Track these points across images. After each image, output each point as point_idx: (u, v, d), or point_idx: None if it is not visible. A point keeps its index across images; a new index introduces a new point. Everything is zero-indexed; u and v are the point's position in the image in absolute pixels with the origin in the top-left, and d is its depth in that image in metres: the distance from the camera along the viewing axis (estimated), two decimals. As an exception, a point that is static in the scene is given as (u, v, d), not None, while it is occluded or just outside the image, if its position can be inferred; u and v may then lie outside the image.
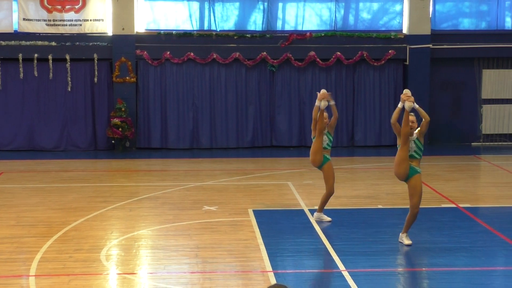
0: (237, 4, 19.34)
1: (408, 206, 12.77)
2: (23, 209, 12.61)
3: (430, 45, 19.18)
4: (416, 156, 10.28)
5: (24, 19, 18.51)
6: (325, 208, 11.86)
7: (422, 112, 10.23)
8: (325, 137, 11.69)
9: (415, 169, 10.24)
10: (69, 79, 18.68)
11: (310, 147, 19.08)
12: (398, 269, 9.66)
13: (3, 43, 18.46)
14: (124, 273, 9.37)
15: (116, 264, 9.77)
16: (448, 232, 11.10)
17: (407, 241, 10.42)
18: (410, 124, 10.21)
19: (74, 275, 9.18)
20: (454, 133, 19.75)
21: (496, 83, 19.66)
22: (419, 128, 10.30)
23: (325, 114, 11.62)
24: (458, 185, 14.64)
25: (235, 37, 18.99)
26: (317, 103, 11.53)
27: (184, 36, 18.92)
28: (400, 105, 10.29)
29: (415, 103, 10.16)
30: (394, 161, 10.32)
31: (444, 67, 19.68)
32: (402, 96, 10.28)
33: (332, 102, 11.63)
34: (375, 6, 19.60)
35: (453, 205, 12.83)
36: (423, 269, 9.64)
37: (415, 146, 10.28)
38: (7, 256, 9.98)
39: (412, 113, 10.28)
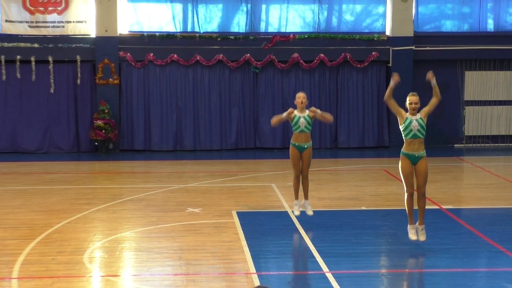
0: (220, 6, 19.34)
1: (390, 208, 12.88)
2: (5, 211, 12.54)
3: (413, 47, 19.27)
4: (420, 135, 10.30)
5: (6, 20, 18.41)
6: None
7: (437, 90, 10.33)
8: (302, 120, 11.52)
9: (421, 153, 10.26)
10: (51, 81, 18.60)
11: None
12: (381, 271, 9.69)
13: (-15, 44, 18.37)
14: (108, 275, 9.33)
15: (99, 266, 9.74)
16: (431, 234, 11.12)
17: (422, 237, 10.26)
18: (413, 105, 10.31)
19: (57, 278, 9.13)
20: (437, 134, 19.85)
21: (478, 84, 19.79)
22: (427, 107, 10.35)
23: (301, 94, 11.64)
24: (441, 186, 14.71)
25: (219, 39, 18.99)
26: (284, 115, 11.49)
27: (168, 38, 18.90)
28: (392, 83, 10.41)
29: (434, 79, 10.21)
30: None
31: (426, 69, 19.57)
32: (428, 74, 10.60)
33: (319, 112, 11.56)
34: (358, 8, 19.67)
35: (436, 207, 12.89)
36: (406, 270, 9.68)
37: (418, 125, 10.35)
38: (-11, 259, 9.92)
39: (415, 93, 10.46)
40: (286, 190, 14.14)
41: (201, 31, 19.15)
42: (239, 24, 19.31)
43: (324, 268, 9.47)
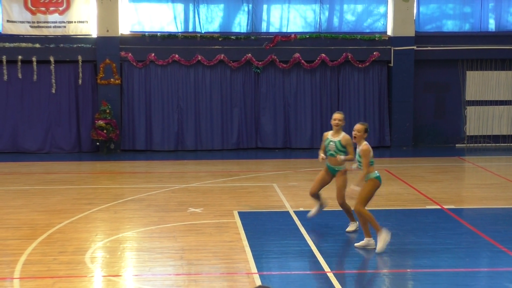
0: (221, 6, 19.34)
1: (392, 208, 12.87)
2: (7, 211, 12.54)
3: (414, 47, 19.26)
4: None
5: (7, 21, 18.42)
6: (310, 209, 11.84)
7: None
8: (332, 144, 11.17)
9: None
10: (53, 81, 18.60)
11: (294, 149, 19.28)
12: (383, 271, 9.69)
13: (-14, 45, 18.38)
14: (109, 275, 9.34)
15: (101, 266, 9.74)
16: (433, 234, 11.14)
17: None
18: (353, 133, 10.43)
19: (58, 278, 9.14)
20: (438, 134, 19.85)
21: (480, 84, 19.78)
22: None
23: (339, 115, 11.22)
24: (442, 186, 14.70)
25: (220, 39, 18.99)
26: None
27: (169, 38, 18.90)
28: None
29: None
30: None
31: (428, 69, 19.77)
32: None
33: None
34: (360, 8, 19.66)
35: (438, 207, 12.89)
36: (408, 270, 9.67)
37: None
38: (-10, 259, 9.93)
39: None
40: (287, 190, 14.15)
41: (203, 31, 19.16)
42: (240, 24, 19.30)
43: (326, 268, 9.47)
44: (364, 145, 10.23)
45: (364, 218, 10.18)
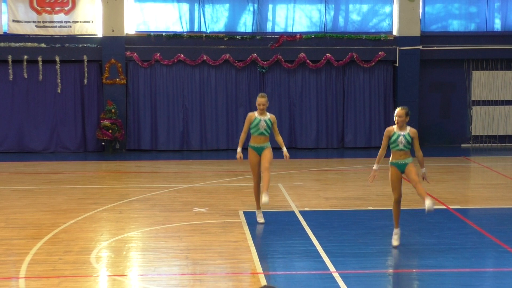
0: (227, 5, 19.34)
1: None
2: (12, 211, 12.56)
3: (420, 47, 19.24)
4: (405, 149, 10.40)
5: (13, 20, 18.45)
6: (316, 209, 11.86)
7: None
8: (263, 123, 11.49)
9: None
10: (58, 80, 18.63)
11: (300, 148, 19.27)
12: (388, 271, 9.68)
13: (-8, 44, 18.42)
14: (114, 275, 9.35)
15: (106, 266, 9.75)
16: (438, 234, 11.12)
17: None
18: (397, 118, 10.37)
19: (64, 277, 9.15)
20: (444, 134, 19.83)
21: (485, 84, 19.74)
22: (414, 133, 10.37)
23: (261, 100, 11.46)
24: (448, 186, 14.68)
25: (225, 39, 18.99)
26: None
27: (174, 37, 18.91)
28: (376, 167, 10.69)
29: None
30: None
31: (433, 69, 19.75)
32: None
33: None
34: (365, 7, 19.64)
35: (443, 207, 12.87)
36: (413, 270, 9.66)
37: (405, 140, 10.35)
38: (-4, 259, 9.95)
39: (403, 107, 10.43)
40: (293, 190, 14.14)
41: (208, 31, 19.16)
42: (245, 24, 19.31)
43: (331, 268, 9.47)
44: (411, 129, 10.36)
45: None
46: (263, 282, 8.92)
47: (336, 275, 9.17)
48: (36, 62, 18.52)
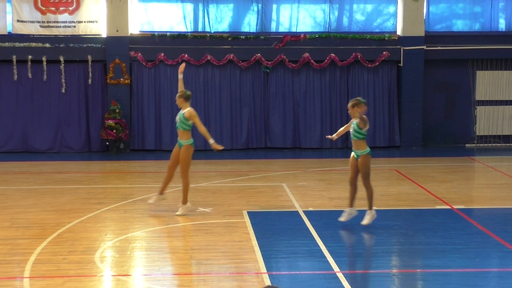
0: (231, 5, 19.35)
1: (401, 207, 12.86)
2: (17, 210, 12.58)
3: (424, 47, 19.22)
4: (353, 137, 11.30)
5: (18, 20, 18.48)
6: (320, 209, 11.87)
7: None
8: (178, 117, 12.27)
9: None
10: (63, 80, 18.65)
11: (304, 148, 19.27)
12: (392, 271, 9.67)
13: (-4, 44, 18.45)
14: (119, 274, 9.36)
15: (110, 266, 9.76)
16: (442, 234, 11.11)
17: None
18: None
19: (68, 277, 9.16)
20: (448, 134, 19.80)
21: (490, 84, 19.71)
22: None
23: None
24: (452, 186, 14.66)
25: (229, 39, 19.00)
26: None
27: (178, 37, 18.92)
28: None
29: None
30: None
31: (438, 69, 19.73)
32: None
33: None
34: (369, 7, 19.63)
35: (447, 207, 12.86)
36: (418, 270, 9.65)
37: (352, 129, 11.30)
38: (1, 258, 9.95)
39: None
40: (296, 190, 14.14)
41: (212, 31, 19.17)
42: (249, 24, 19.31)
43: (335, 268, 9.46)
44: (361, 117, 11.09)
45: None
46: (267, 282, 8.92)
47: (340, 275, 9.16)
48: (40, 62, 18.54)
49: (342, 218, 11.44)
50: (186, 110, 12.12)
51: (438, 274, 9.37)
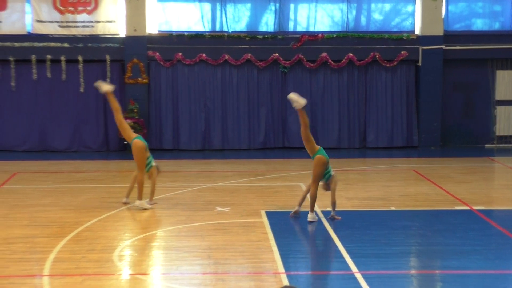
0: (248, 5, 19.35)
1: (420, 208, 12.79)
2: (36, 209, 12.65)
3: (443, 46, 19.12)
4: None
5: (37, 20, 18.58)
6: (337, 209, 11.86)
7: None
8: None
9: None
10: (81, 80, 18.73)
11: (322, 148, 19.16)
12: (411, 271, 9.62)
13: (16, 44, 18.54)
14: (137, 273, 9.38)
15: (128, 264, 9.79)
16: (461, 235, 11.04)
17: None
18: None
19: (87, 275, 9.20)
20: (467, 134, 19.67)
21: (510, 84, 19.56)
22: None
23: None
24: (471, 187, 14.57)
25: (247, 38, 19.00)
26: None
27: (196, 37, 18.95)
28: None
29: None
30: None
31: (456, 68, 19.61)
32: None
33: None
34: (387, 7, 19.56)
35: (466, 207, 12.77)
36: (436, 271, 9.60)
37: None
38: (20, 256, 10.02)
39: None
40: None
41: (230, 31, 19.17)
42: (267, 23, 19.29)
43: (353, 268, 9.43)
44: None
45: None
46: (285, 282, 8.90)
47: (358, 276, 9.13)
48: (59, 62, 18.63)
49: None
50: None
51: (457, 275, 9.30)
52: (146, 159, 12.66)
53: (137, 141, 12.58)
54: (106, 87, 12.85)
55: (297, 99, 11.52)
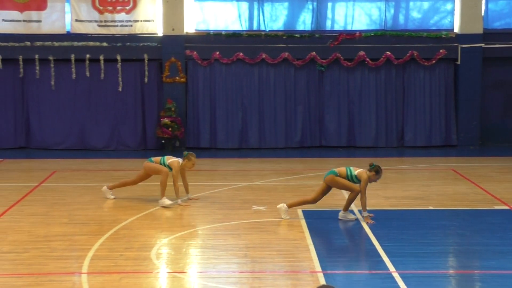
0: (286, 4, 19.33)
1: (458, 208, 12.66)
2: (75, 207, 12.80)
3: (482, 44, 18.89)
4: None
5: (76, 20, 18.78)
6: (375, 208, 11.79)
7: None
8: None
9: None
10: (119, 79, 18.89)
11: (359, 147, 19.12)
12: (449, 271, 9.55)
13: (56, 44, 18.77)
14: (174, 271, 9.45)
15: (166, 262, 9.86)
16: (501, 235, 10.91)
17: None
18: None
19: (125, 273, 9.28)
20: (507, 133, 19.40)
21: (550, 82, 19.27)
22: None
23: None
24: (511, 186, 14.37)
25: (284, 37, 18.98)
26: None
27: (233, 36, 18.99)
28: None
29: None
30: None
31: (496, 67, 19.36)
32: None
33: None
34: (426, 5, 19.39)
35: (506, 207, 12.62)
36: (475, 271, 9.51)
37: None
38: (60, 254, 10.15)
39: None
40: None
41: (267, 29, 19.18)
42: (304, 22, 19.26)
43: (391, 268, 9.39)
44: None
45: None
46: (322, 281, 8.90)
47: (395, 275, 9.09)
48: (98, 61, 18.82)
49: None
50: None
51: (496, 275, 9.20)
52: (155, 168, 13.10)
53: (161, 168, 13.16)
54: (166, 202, 12.82)
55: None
